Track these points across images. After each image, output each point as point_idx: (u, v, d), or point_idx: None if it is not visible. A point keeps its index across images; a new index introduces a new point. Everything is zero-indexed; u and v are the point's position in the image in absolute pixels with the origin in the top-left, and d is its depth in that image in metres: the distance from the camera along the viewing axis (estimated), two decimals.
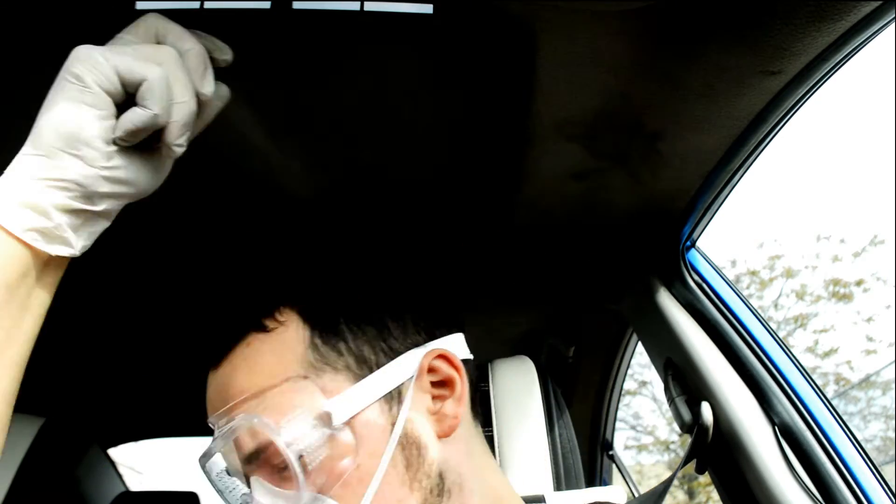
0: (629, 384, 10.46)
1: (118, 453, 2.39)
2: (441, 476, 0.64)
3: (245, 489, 0.66)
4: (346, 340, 0.65)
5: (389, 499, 0.60)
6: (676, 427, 1.06)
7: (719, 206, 1.05)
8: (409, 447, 0.63)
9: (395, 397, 0.64)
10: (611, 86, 0.80)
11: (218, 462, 0.67)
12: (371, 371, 0.64)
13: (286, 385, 0.62)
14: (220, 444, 0.63)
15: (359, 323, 0.66)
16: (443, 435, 0.65)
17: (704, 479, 8.76)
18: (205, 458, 0.67)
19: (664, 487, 0.92)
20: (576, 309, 1.48)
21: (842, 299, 10.18)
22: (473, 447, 0.70)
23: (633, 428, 11.08)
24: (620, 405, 1.87)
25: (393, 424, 0.62)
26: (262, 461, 0.62)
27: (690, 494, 10.33)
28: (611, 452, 1.81)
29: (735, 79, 0.77)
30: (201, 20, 0.75)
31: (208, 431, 0.66)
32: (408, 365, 0.65)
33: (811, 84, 0.77)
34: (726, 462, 0.96)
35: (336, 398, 0.61)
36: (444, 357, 0.67)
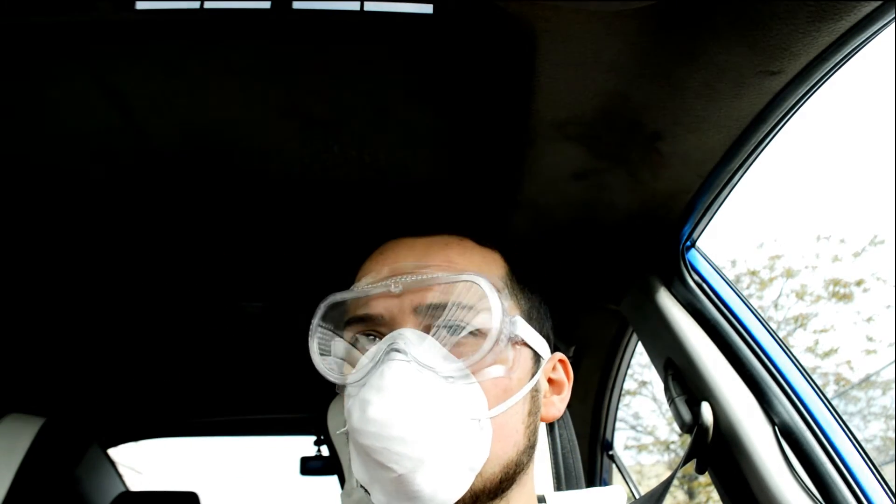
0: (629, 384, 10.47)
1: (118, 453, 2.39)
2: (535, 443, 0.74)
3: (375, 334, 0.71)
4: (526, 295, 0.77)
5: (512, 422, 0.69)
6: (676, 427, 1.06)
7: (719, 206, 1.05)
8: (534, 400, 0.74)
9: (537, 361, 0.75)
10: (611, 86, 0.80)
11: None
12: (534, 329, 0.75)
13: (486, 282, 0.68)
14: (407, 284, 0.68)
15: (535, 295, 0.79)
16: (544, 418, 0.77)
17: (704, 479, 8.77)
18: (358, 293, 0.71)
19: (663, 488, 0.92)
20: (576, 309, 1.48)
21: (842, 299, 10.18)
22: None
23: (633, 428, 11.09)
24: (620, 405, 1.87)
25: (532, 375, 0.74)
26: (431, 316, 0.68)
27: (690, 494, 10.33)
28: (611, 452, 1.81)
29: (735, 79, 0.77)
30: (201, 20, 0.75)
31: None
32: (546, 349, 0.77)
33: (811, 84, 0.77)
34: (726, 462, 0.96)
35: (519, 318, 0.72)
36: (564, 363, 0.80)
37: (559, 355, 0.80)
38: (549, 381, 0.78)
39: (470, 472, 0.65)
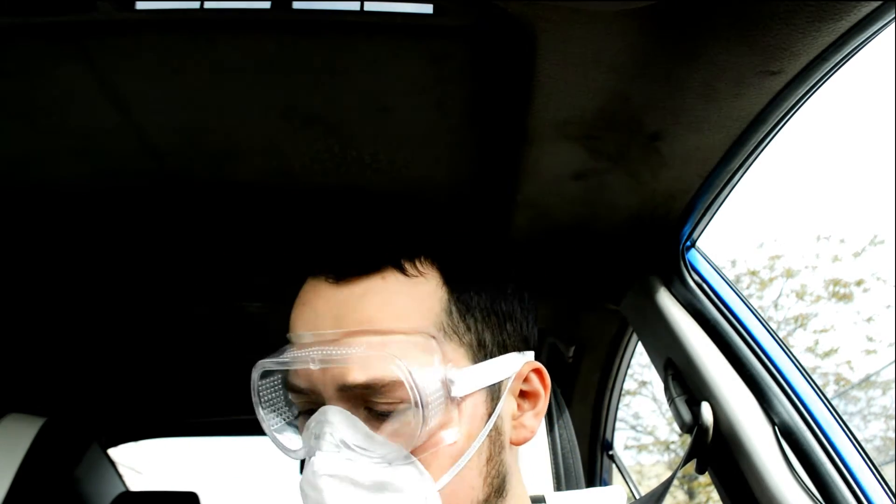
0: (629, 384, 10.46)
1: (118, 453, 2.39)
2: (504, 479, 0.66)
3: (311, 408, 0.63)
4: (475, 319, 0.65)
5: (466, 482, 0.62)
6: (676, 427, 1.05)
7: (719, 206, 1.05)
8: (495, 442, 0.65)
9: (496, 390, 0.65)
10: (611, 86, 0.80)
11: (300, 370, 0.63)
12: (485, 358, 0.65)
13: (417, 337, 0.61)
14: (325, 360, 0.60)
15: (489, 307, 0.66)
16: (515, 442, 0.68)
17: (704, 479, 8.76)
18: (282, 364, 0.63)
19: (664, 489, 0.92)
20: (576, 309, 1.48)
21: (842, 299, 10.18)
22: (516, 463, 0.72)
23: (633, 428, 11.08)
24: (620, 405, 1.87)
25: (489, 415, 0.64)
26: (357, 397, 0.60)
27: (690, 494, 10.33)
28: (611, 452, 1.81)
29: (735, 79, 0.77)
30: (201, 20, 0.75)
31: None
32: (511, 364, 0.67)
33: (811, 84, 0.77)
34: (726, 462, 0.96)
35: (458, 370, 0.61)
36: (539, 371, 0.69)
37: (530, 364, 0.69)
38: (521, 394, 0.69)
39: None
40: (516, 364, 0.67)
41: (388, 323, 0.61)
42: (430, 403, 0.59)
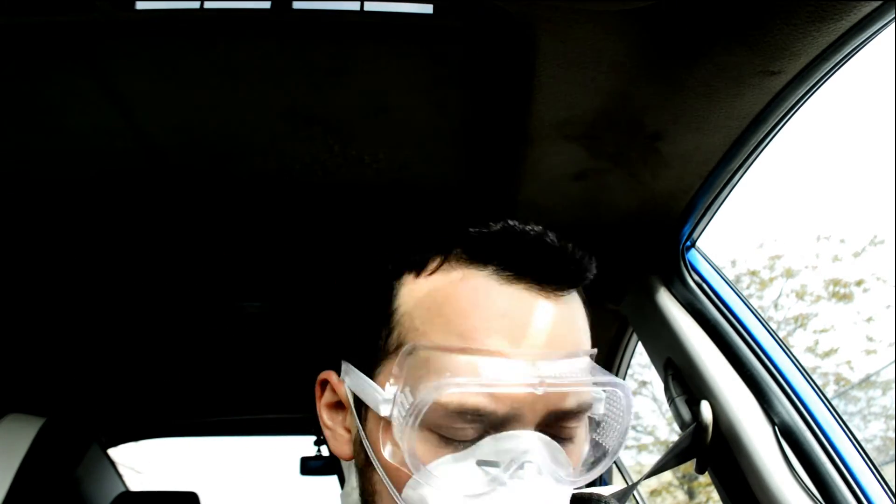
0: (629, 384, 10.44)
1: (118, 453, 2.39)
2: None
3: (479, 436, 0.53)
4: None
5: None
6: (676, 427, 1.05)
7: (719, 206, 1.05)
8: None
9: None
10: (611, 86, 0.80)
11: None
12: None
13: (621, 384, 0.57)
14: (553, 385, 0.52)
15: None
16: None
17: (704, 479, 8.76)
18: (491, 385, 0.52)
19: (649, 475, 0.92)
20: None
21: (842, 299, 10.18)
22: None
23: (633, 428, 11.08)
24: None
25: None
26: (557, 425, 0.55)
27: (690, 494, 10.34)
28: None
29: (735, 79, 0.77)
30: (201, 20, 0.75)
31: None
32: None
33: (811, 84, 0.77)
34: (726, 462, 0.96)
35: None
36: None
37: None
38: None
39: None
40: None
41: (586, 344, 0.58)
42: (616, 446, 0.59)
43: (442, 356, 0.53)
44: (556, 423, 0.55)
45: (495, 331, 0.53)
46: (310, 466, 2.41)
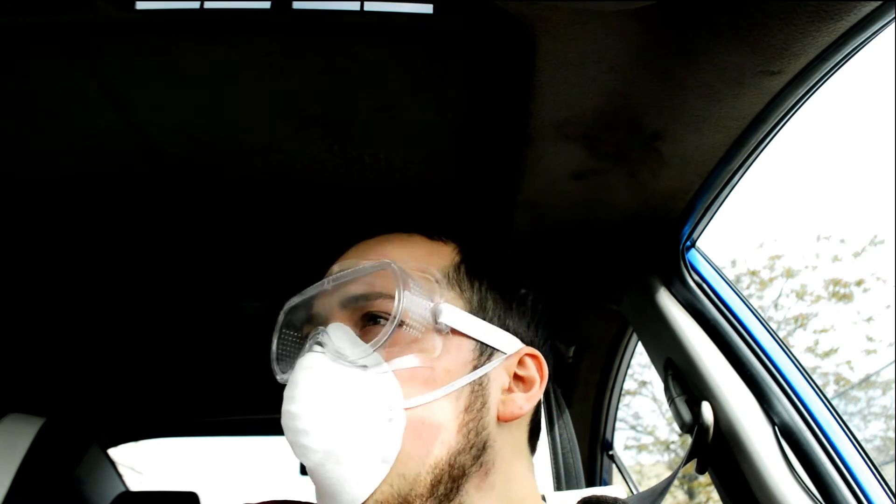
0: (629, 384, 10.46)
1: (118, 453, 2.39)
2: (483, 447, 0.68)
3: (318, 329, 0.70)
4: (480, 283, 0.74)
5: (436, 416, 0.65)
6: (676, 427, 1.05)
7: (719, 206, 1.04)
8: (476, 396, 0.68)
9: (486, 352, 0.70)
10: (611, 86, 0.80)
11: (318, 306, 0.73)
12: (483, 319, 0.71)
13: (421, 274, 0.70)
14: (340, 277, 0.70)
15: (493, 284, 0.75)
16: (502, 418, 0.70)
17: (704, 479, 8.76)
18: (302, 294, 0.74)
19: (665, 486, 0.92)
20: (576, 309, 1.48)
21: (842, 299, 10.18)
22: (518, 455, 0.74)
23: (633, 428, 11.09)
24: (620, 405, 1.87)
25: (474, 368, 0.69)
26: (355, 309, 0.69)
27: (690, 494, 10.33)
28: (611, 452, 1.81)
29: (735, 79, 0.77)
30: (201, 20, 0.75)
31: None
32: (508, 341, 0.72)
33: (811, 84, 0.77)
34: (726, 462, 0.96)
35: (450, 306, 0.69)
36: (536, 358, 0.74)
37: (528, 350, 0.73)
38: (516, 377, 0.72)
39: (383, 464, 0.62)
40: (512, 344, 0.72)
41: (402, 261, 0.69)
42: (411, 316, 0.66)
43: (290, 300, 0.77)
44: (360, 311, 0.69)
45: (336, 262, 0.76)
46: None
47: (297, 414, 0.65)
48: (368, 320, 0.69)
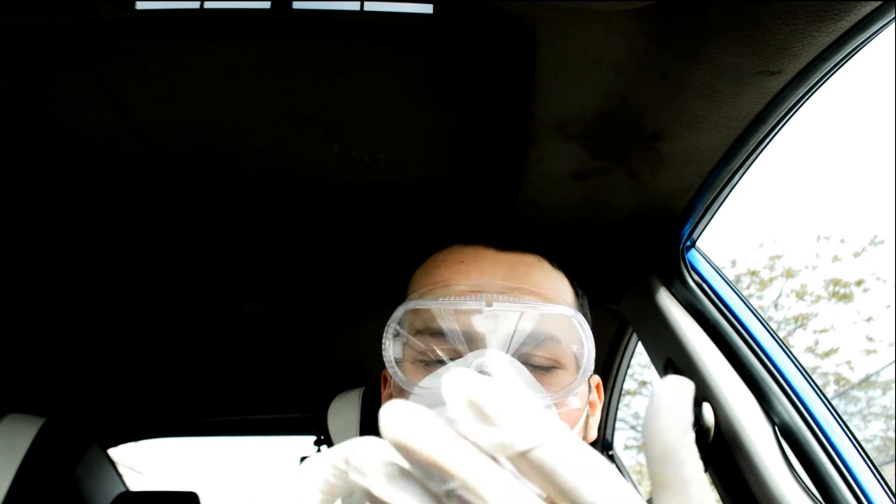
0: (629, 384, 10.46)
1: (118, 453, 2.39)
2: None
3: (453, 357, 0.63)
4: (585, 312, 0.73)
5: None
6: None
7: (719, 206, 1.05)
8: (583, 428, 0.70)
9: (587, 381, 0.70)
10: (611, 86, 0.80)
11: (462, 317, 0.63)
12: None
13: (569, 310, 0.66)
14: (508, 306, 0.63)
15: (587, 316, 0.73)
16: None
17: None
18: (449, 303, 0.63)
19: None
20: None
21: (842, 299, 10.18)
22: None
23: (633, 428, 11.08)
24: (620, 405, 1.87)
25: (584, 399, 0.70)
26: (517, 342, 0.63)
27: None
28: (611, 452, 1.81)
29: (735, 79, 0.77)
30: (201, 20, 0.75)
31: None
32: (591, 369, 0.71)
33: (811, 84, 0.77)
34: (726, 462, 0.96)
35: (592, 348, 0.67)
36: (598, 386, 0.77)
37: (596, 378, 0.76)
38: (590, 403, 0.74)
39: None
40: (590, 369, 0.71)
41: (551, 294, 0.68)
42: (586, 365, 0.64)
43: (418, 300, 0.67)
44: (523, 351, 0.63)
45: (458, 274, 0.67)
46: None
47: None
48: (536, 362, 0.64)
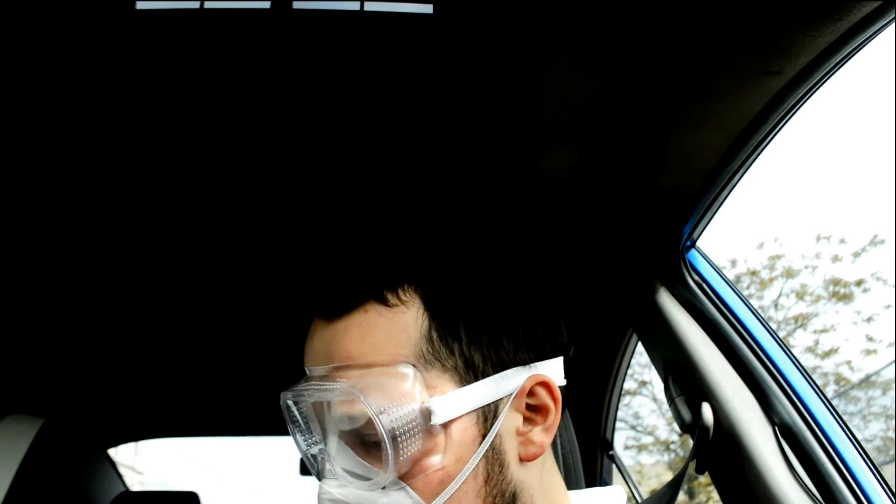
0: (629, 384, 10.46)
1: (118, 453, 2.39)
2: (514, 496, 0.65)
3: (317, 439, 0.68)
4: (460, 342, 0.64)
5: (462, 503, 0.62)
6: (676, 427, 1.05)
7: (719, 206, 1.05)
8: (493, 462, 0.64)
9: (490, 410, 0.64)
10: (610, 86, 0.80)
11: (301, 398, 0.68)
12: (476, 379, 0.63)
13: (394, 369, 0.62)
14: (315, 397, 0.65)
15: (476, 328, 0.64)
16: (525, 459, 0.66)
17: (704, 479, 8.76)
18: (294, 395, 0.69)
19: (673, 491, 0.92)
20: (576, 309, 1.48)
21: (842, 299, 10.18)
22: (547, 470, 0.71)
23: (633, 428, 11.09)
24: (620, 405, 1.87)
25: (483, 436, 0.63)
26: (343, 426, 0.64)
27: (690, 494, 10.33)
28: (611, 452, 1.81)
29: (735, 79, 0.77)
30: (201, 20, 0.75)
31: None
32: (510, 381, 0.65)
33: (811, 84, 0.77)
34: (726, 462, 0.96)
35: (439, 398, 0.61)
36: (545, 384, 0.67)
37: (536, 378, 0.66)
38: (529, 408, 0.66)
39: None
40: (516, 380, 0.65)
41: (368, 356, 0.62)
42: (403, 435, 0.60)
43: (287, 390, 0.70)
44: (353, 432, 0.63)
45: (306, 353, 0.68)
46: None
47: None
48: (364, 441, 0.63)
